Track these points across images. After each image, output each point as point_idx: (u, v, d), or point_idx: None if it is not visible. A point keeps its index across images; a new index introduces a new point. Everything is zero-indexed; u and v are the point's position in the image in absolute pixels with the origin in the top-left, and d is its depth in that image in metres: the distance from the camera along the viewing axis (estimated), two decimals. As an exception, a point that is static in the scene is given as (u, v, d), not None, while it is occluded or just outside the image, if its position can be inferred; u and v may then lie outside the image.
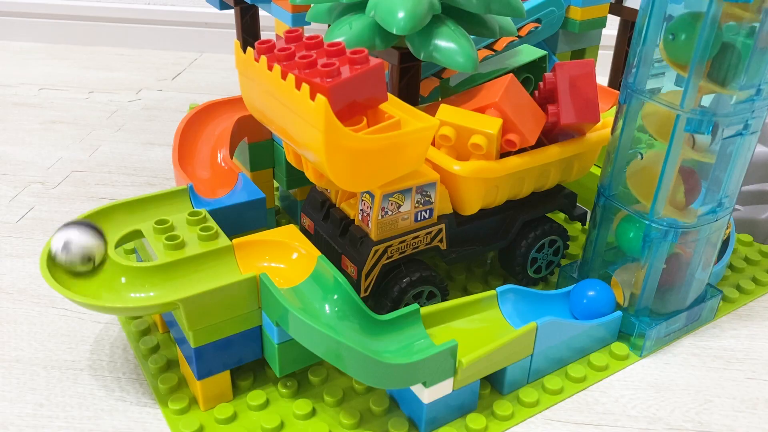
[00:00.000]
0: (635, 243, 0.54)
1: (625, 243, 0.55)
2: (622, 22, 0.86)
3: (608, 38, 0.96)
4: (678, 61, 0.49)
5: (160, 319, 0.55)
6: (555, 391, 0.52)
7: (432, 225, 0.54)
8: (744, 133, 0.50)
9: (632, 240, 0.54)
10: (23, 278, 0.63)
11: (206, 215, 0.51)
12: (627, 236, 0.55)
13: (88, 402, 0.50)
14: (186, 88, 1.11)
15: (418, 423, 0.48)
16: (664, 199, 0.51)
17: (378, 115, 0.51)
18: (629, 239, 0.55)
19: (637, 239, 0.54)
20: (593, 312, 0.55)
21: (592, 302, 0.55)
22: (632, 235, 0.54)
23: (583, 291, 0.56)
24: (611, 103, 0.70)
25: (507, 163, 0.54)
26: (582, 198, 0.68)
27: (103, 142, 0.90)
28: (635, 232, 0.54)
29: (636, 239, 0.54)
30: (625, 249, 0.56)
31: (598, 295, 0.55)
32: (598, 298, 0.55)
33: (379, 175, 0.48)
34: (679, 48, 0.48)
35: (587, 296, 0.55)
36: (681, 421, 0.50)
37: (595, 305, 0.55)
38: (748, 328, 0.60)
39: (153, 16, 1.27)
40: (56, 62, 1.20)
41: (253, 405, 0.49)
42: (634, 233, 0.54)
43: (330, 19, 0.58)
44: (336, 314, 0.47)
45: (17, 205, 0.75)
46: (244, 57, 0.49)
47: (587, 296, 0.55)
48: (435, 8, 0.53)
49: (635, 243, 0.54)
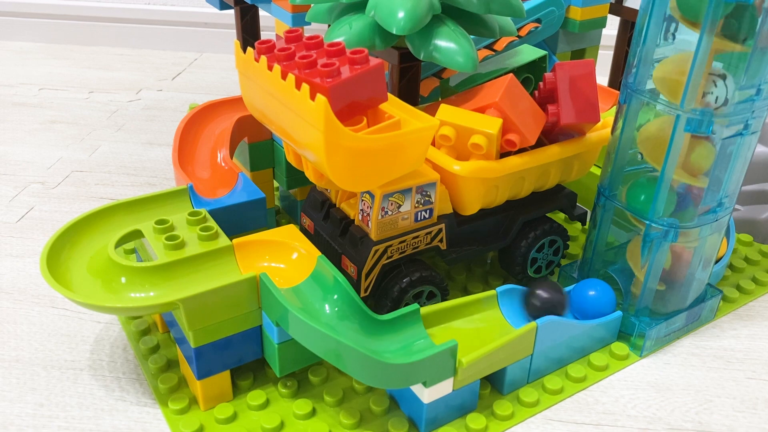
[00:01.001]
0: (646, 206, 0.53)
1: (637, 207, 0.54)
2: (622, 22, 0.86)
3: (608, 38, 0.96)
4: (690, 17, 0.47)
5: (160, 319, 0.55)
6: (555, 391, 0.52)
7: (432, 225, 0.54)
8: (744, 133, 0.50)
9: (643, 203, 0.53)
10: (23, 278, 0.63)
11: (206, 215, 0.51)
12: (638, 200, 0.54)
13: (88, 402, 0.50)
14: (186, 88, 1.11)
15: (418, 423, 0.48)
16: (664, 200, 0.52)
17: (378, 115, 0.51)
18: (640, 203, 0.54)
19: (647, 202, 0.53)
20: (594, 311, 0.55)
21: (593, 302, 0.55)
22: (643, 198, 0.54)
23: (584, 291, 0.56)
24: (611, 103, 0.70)
25: (507, 163, 0.54)
26: (582, 198, 0.68)
27: (103, 142, 0.90)
28: (646, 195, 0.53)
29: (647, 202, 0.53)
30: (636, 213, 0.55)
31: (599, 294, 0.55)
32: (598, 298, 0.55)
33: (379, 175, 0.48)
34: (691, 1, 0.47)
35: (587, 296, 0.55)
36: (681, 421, 0.50)
37: (596, 305, 0.55)
38: (748, 328, 0.60)
39: (153, 16, 1.27)
40: (56, 62, 1.20)
41: (253, 405, 0.49)
42: (645, 196, 0.53)
43: (330, 19, 0.58)
44: (336, 314, 0.47)
45: (17, 205, 0.75)
46: (244, 57, 0.49)
47: (587, 296, 0.55)
48: (435, 8, 0.53)
49: (646, 206, 0.53)
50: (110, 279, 0.47)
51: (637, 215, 0.54)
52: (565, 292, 0.54)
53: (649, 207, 0.53)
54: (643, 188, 0.54)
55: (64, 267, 0.47)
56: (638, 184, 0.55)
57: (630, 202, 0.55)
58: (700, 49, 0.46)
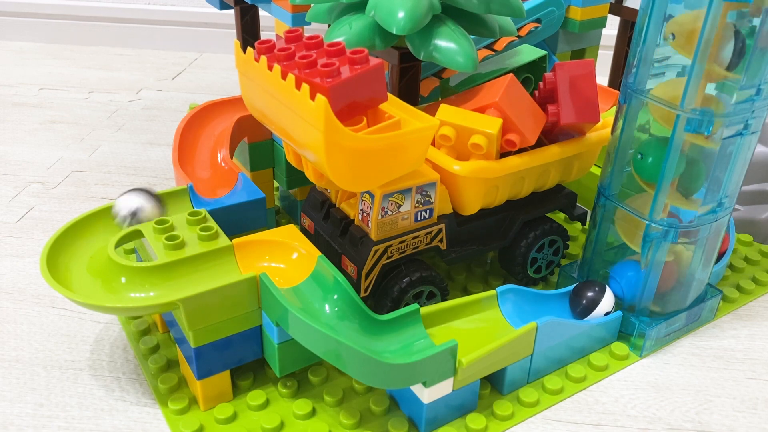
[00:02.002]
0: (655, 168, 0.52)
1: (645, 170, 0.53)
2: (622, 22, 0.86)
3: (608, 38, 0.96)
4: (647, 180, 0.51)
5: (160, 319, 0.55)
6: (555, 391, 0.52)
7: (432, 225, 0.54)
8: (744, 133, 0.50)
9: (651, 166, 0.53)
10: (23, 278, 0.63)
11: (206, 215, 0.51)
12: (646, 163, 0.53)
13: (88, 402, 0.50)
14: (186, 88, 1.11)
15: (418, 423, 0.48)
16: (663, 202, 0.52)
17: (378, 115, 0.51)
18: (648, 165, 0.53)
19: (656, 164, 0.52)
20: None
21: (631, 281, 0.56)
22: (651, 161, 0.53)
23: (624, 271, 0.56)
24: (611, 103, 0.70)
25: (507, 163, 0.54)
26: (582, 198, 0.68)
27: (103, 142, 0.90)
28: (654, 157, 0.52)
29: (655, 164, 0.52)
30: (645, 177, 0.54)
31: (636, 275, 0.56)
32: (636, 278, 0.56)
33: (379, 175, 0.48)
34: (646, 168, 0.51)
35: (627, 276, 0.56)
36: (681, 421, 0.50)
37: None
38: (748, 328, 0.60)
39: (153, 16, 1.27)
40: (56, 62, 1.20)
41: (253, 405, 0.49)
42: (653, 158, 0.52)
43: (330, 19, 0.58)
44: (336, 314, 0.47)
45: (17, 205, 0.75)
46: (244, 57, 0.49)
47: (627, 276, 0.56)
48: (435, 8, 0.53)
49: (655, 168, 0.52)
50: (110, 279, 0.47)
51: (648, 180, 0.53)
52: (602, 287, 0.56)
53: (658, 171, 0.52)
54: (650, 150, 0.53)
55: (64, 267, 0.47)
56: (648, 144, 0.53)
57: (638, 168, 0.54)
58: (701, 48, 0.46)
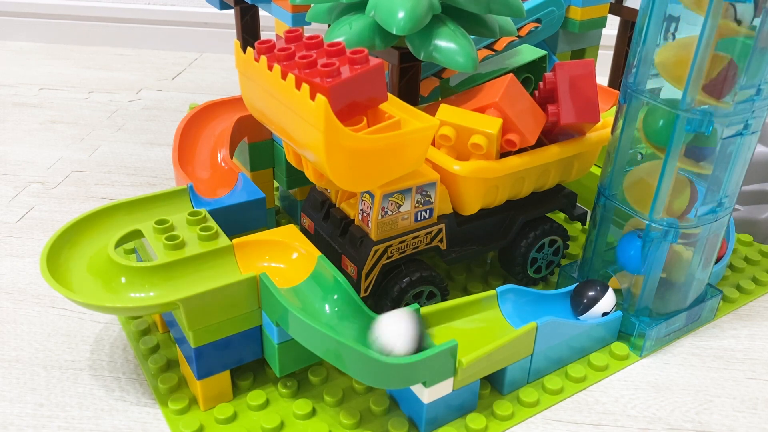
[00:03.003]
0: (664, 132, 0.51)
1: (654, 134, 0.52)
2: (622, 22, 0.86)
3: (608, 38, 0.96)
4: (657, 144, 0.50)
5: (160, 319, 0.55)
6: (555, 391, 0.52)
7: (432, 225, 0.54)
8: (744, 133, 0.50)
9: (661, 130, 0.52)
10: (23, 278, 0.63)
11: (206, 215, 0.51)
12: (656, 127, 0.52)
13: (88, 402, 0.50)
14: (186, 88, 1.11)
15: (418, 423, 0.48)
16: (663, 204, 0.52)
17: (378, 115, 0.51)
18: (658, 129, 0.52)
19: (666, 128, 0.51)
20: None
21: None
22: (661, 125, 0.52)
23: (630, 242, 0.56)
24: (611, 103, 0.70)
25: (507, 163, 0.54)
26: (582, 198, 0.68)
27: (103, 142, 0.90)
28: (664, 121, 0.51)
29: (665, 128, 0.51)
30: (653, 140, 0.53)
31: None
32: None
33: (379, 175, 0.48)
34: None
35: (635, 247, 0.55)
36: (681, 421, 0.50)
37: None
38: (748, 328, 0.60)
39: (153, 16, 1.27)
40: (56, 62, 1.20)
41: (253, 405, 0.49)
42: (663, 122, 0.51)
43: (330, 19, 0.58)
44: (336, 314, 0.47)
45: (17, 205, 0.75)
46: (244, 57, 0.49)
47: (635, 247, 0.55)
48: (435, 8, 0.53)
49: (664, 132, 0.51)
50: (110, 279, 0.47)
51: (656, 143, 0.52)
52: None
53: (668, 135, 0.50)
54: (658, 114, 0.51)
55: (64, 267, 0.47)
56: (654, 109, 0.52)
57: (646, 129, 0.53)
58: (702, 45, 0.46)
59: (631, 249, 0.55)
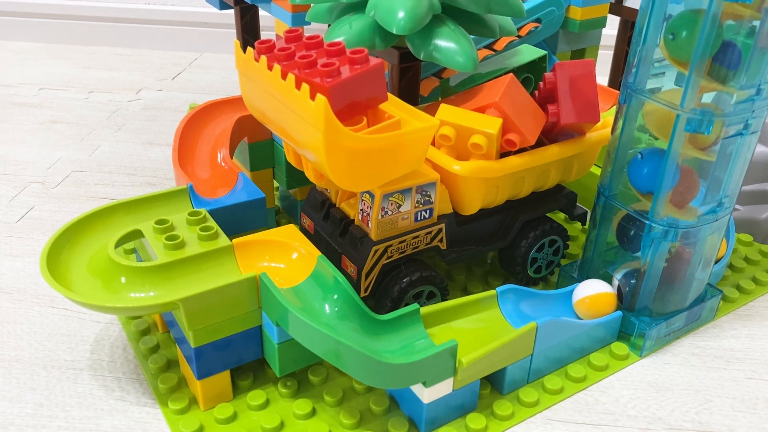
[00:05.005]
0: (689, 43, 0.48)
1: (678, 48, 0.49)
2: (622, 22, 0.86)
3: (608, 38, 0.96)
4: (679, 58, 0.48)
5: (160, 319, 0.55)
6: (555, 391, 0.52)
7: (432, 225, 0.54)
8: (744, 133, 0.50)
9: (685, 41, 0.48)
10: (23, 278, 0.63)
11: (206, 215, 0.51)
12: (680, 40, 0.49)
13: (88, 402, 0.50)
14: (186, 88, 1.11)
15: (418, 423, 0.48)
16: (665, 198, 0.52)
17: (378, 115, 0.51)
18: (682, 41, 0.48)
19: (690, 36, 0.48)
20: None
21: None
22: (685, 35, 0.48)
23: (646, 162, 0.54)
24: (611, 103, 0.70)
25: (507, 163, 0.54)
26: (582, 198, 0.68)
27: (103, 142, 0.90)
28: (688, 31, 0.48)
29: (689, 39, 0.48)
30: (677, 55, 0.50)
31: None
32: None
33: (379, 175, 0.48)
34: (680, 46, 0.47)
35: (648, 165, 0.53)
36: (681, 421, 0.50)
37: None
38: (748, 328, 0.60)
39: (153, 16, 1.27)
40: (56, 62, 1.20)
41: (253, 405, 0.49)
42: (687, 32, 0.48)
43: (330, 19, 0.58)
44: (336, 314, 0.47)
45: (17, 205, 0.75)
46: (244, 57, 0.49)
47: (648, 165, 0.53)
48: (435, 8, 0.53)
49: (689, 43, 0.48)
50: (110, 279, 0.47)
51: None
52: None
53: (692, 47, 0.48)
54: (685, 23, 0.48)
55: (64, 267, 0.47)
56: (683, 16, 0.49)
57: (668, 45, 0.50)
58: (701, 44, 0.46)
59: (643, 167, 0.53)
